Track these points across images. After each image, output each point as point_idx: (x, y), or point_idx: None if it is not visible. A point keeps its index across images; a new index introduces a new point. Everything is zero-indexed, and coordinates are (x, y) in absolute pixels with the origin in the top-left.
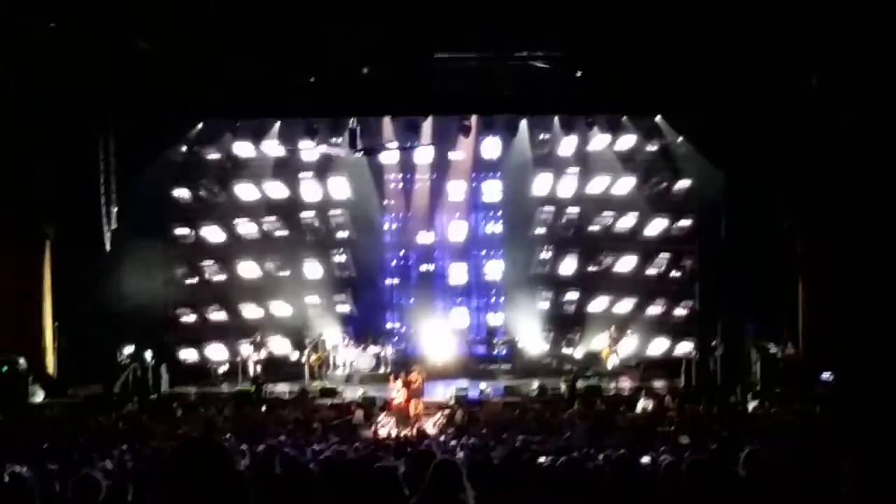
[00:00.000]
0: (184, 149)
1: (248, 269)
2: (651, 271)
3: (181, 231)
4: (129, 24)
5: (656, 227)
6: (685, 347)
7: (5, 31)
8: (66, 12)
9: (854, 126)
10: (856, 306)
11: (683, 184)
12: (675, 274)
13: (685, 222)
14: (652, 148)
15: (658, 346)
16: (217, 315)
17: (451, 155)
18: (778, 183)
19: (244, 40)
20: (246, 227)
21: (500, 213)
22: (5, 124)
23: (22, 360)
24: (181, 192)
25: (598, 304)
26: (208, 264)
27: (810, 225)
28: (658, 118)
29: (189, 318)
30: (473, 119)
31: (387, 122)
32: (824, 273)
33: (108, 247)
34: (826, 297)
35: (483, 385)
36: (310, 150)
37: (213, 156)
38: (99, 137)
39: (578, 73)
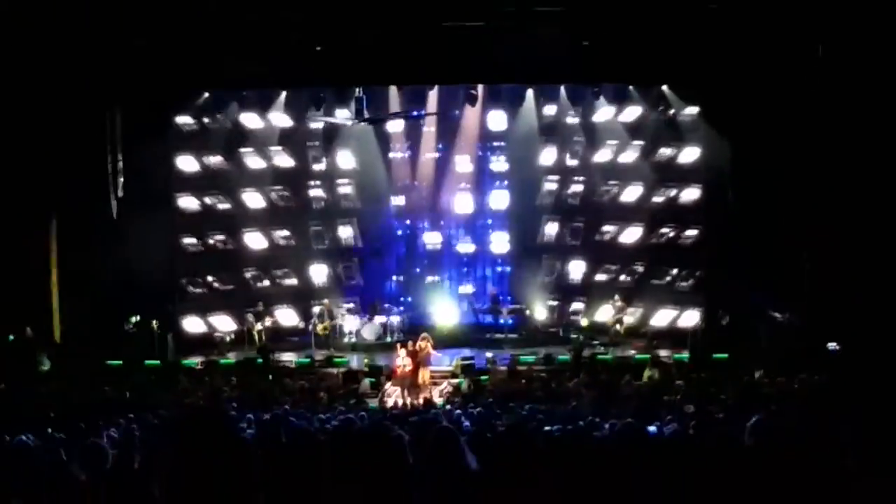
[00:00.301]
0: (190, 118)
1: (254, 240)
2: (657, 241)
3: (187, 201)
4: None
5: (662, 196)
6: (691, 317)
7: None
8: None
9: (860, 96)
10: (861, 276)
11: (690, 153)
12: (681, 243)
13: (692, 192)
14: (658, 117)
15: (664, 316)
16: (223, 284)
17: (457, 125)
18: (785, 152)
19: (250, 8)
20: (252, 197)
21: (505, 184)
22: (11, 94)
23: (28, 329)
24: (187, 162)
25: (603, 274)
26: (214, 234)
27: (817, 194)
28: (665, 87)
29: (195, 287)
30: (480, 89)
31: (393, 91)
32: (830, 243)
33: (114, 214)
34: (832, 266)
35: (489, 354)
36: (315, 119)
37: (219, 125)
38: (105, 107)
39: (585, 43)
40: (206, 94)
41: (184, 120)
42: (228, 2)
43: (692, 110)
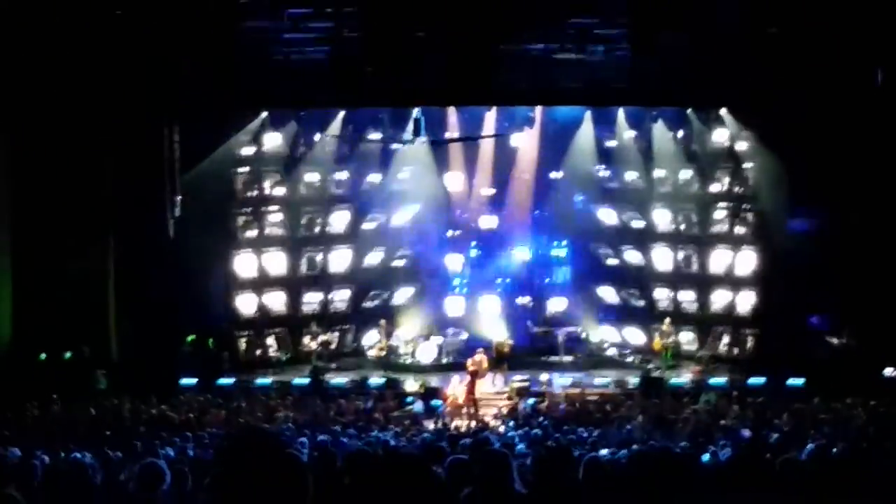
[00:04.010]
0: (247, 137)
1: (309, 260)
2: (712, 266)
3: (243, 220)
4: (193, 15)
5: (718, 219)
6: (749, 341)
7: (71, 21)
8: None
9: None
10: None
11: (748, 178)
12: (736, 267)
13: (748, 215)
14: (716, 141)
15: (722, 341)
16: (278, 304)
17: (515, 144)
18: (841, 175)
19: (307, 28)
20: (308, 217)
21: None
22: (70, 112)
23: (86, 348)
24: (244, 180)
25: (660, 297)
26: (270, 253)
27: (873, 218)
28: (723, 111)
29: (251, 306)
30: (538, 110)
31: (451, 112)
32: (889, 267)
33: (171, 234)
34: (889, 291)
35: (545, 376)
36: (374, 140)
37: (276, 145)
38: (163, 126)
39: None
40: (264, 114)
41: (241, 139)
42: (286, 22)
43: (722, 134)
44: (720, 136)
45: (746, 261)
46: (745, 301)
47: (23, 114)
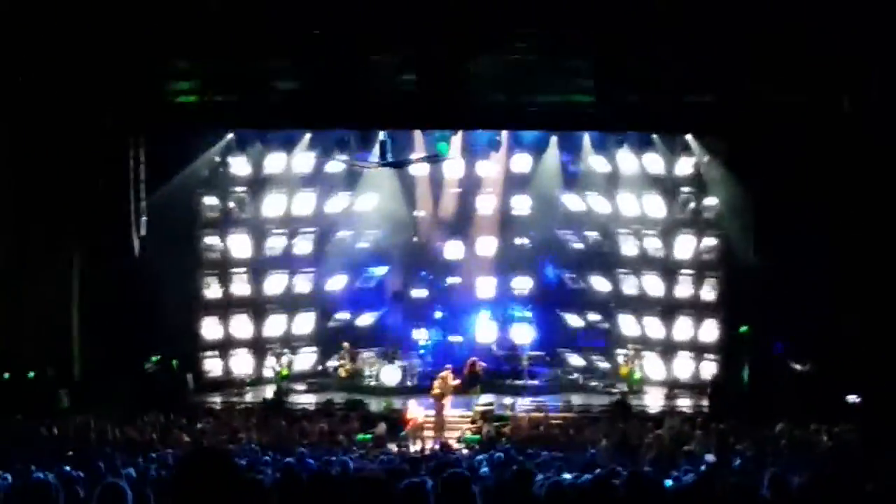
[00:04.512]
0: (214, 158)
1: (274, 282)
2: (677, 292)
3: (209, 241)
4: (163, 34)
5: (683, 246)
6: (711, 368)
7: (33, 37)
8: (97, 19)
9: (885, 149)
10: (885, 326)
11: (712, 203)
12: (701, 294)
13: (712, 242)
14: (682, 167)
15: (685, 367)
16: (243, 326)
17: (481, 169)
18: (807, 202)
19: (278, 52)
20: (273, 240)
21: (529, 229)
22: (34, 128)
23: (50, 368)
24: (210, 202)
25: (623, 323)
26: (235, 275)
27: (839, 245)
28: (689, 137)
29: (216, 328)
30: (504, 134)
31: (417, 135)
32: (853, 294)
33: (136, 252)
34: (854, 318)
35: (508, 400)
36: (339, 162)
37: (242, 166)
38: (129, 145)
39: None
40: (230, 135)
41: (207, 159)
42: (256, 45)
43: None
44: (686, 163)
45: (710, 288)
46: (709, 327)
47: None
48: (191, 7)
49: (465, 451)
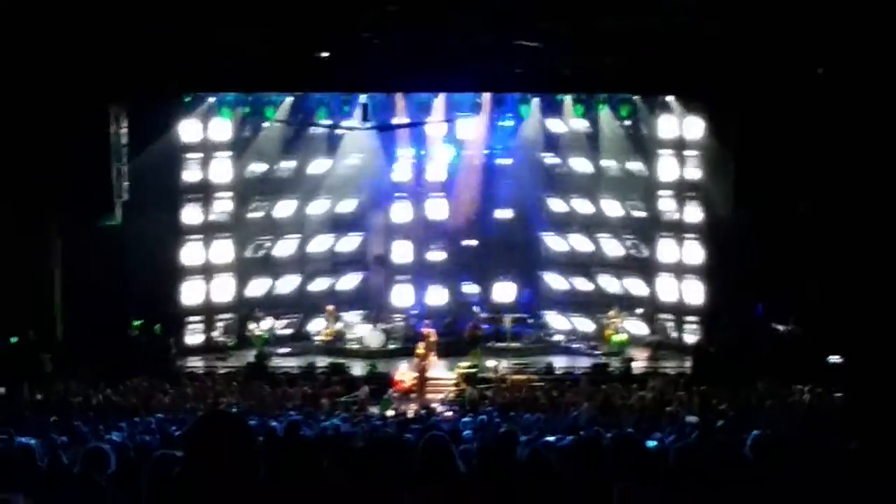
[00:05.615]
0: (195, 123)
1: (257, 245)
2: (660, 255)
3: (191, 206)
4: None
5: (665, 209)
6: (695, 329)
7: (11, 3)
8: None
9: (860, 117)
10: (866, 290)
11: (695, 167)
12: (684, 257)
13: (696, 206)
14: (666, 131)
15: (668, 327)
16: (225, 290)
17: (463, 132)
18: (788, 166)
19: (258, 13)
20: (255, 203)
21: (511, 191)
22: (13, 95)
23: (31, 332)
24: (191, 167)
25: (606, 284)
26: (217, 239)
27: (820, 207)
28: (670, 98)
29: (198, 291)
30: (486, 96)
31: (399, 98)
32: (834, 256)
33: (118, 218)
34: (836, 279)
35: (491, 362)
36: (321, 125)
37: (223, 131)
38: (110, 111)
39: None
40: (212, 99)
41: (189, 124)
42: (236, 7)
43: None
44: (668, 124)
45: (694, 250)
46: (693, 290)
47: None
48: None
49: (448, 414)
